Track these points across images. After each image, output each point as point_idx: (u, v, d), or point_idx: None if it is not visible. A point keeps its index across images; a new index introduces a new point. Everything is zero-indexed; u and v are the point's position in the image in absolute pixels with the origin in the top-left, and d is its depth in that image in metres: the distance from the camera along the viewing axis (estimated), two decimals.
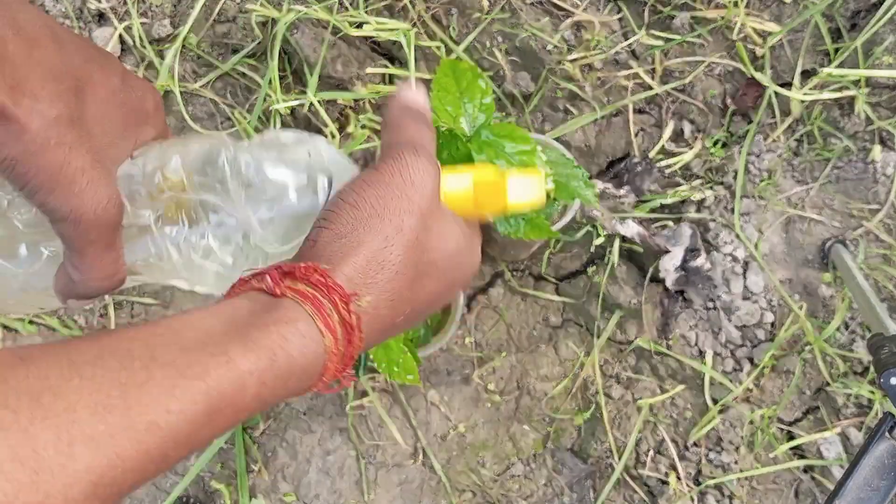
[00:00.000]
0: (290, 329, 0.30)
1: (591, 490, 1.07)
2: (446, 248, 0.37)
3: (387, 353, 0.76)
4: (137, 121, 0.39)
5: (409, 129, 0.39)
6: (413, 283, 0.36)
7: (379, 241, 0.34)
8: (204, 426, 0.28)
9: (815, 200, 1.11)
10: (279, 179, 0.39)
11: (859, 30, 1.09)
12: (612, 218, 1.07)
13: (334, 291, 0.32)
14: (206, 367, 0.28)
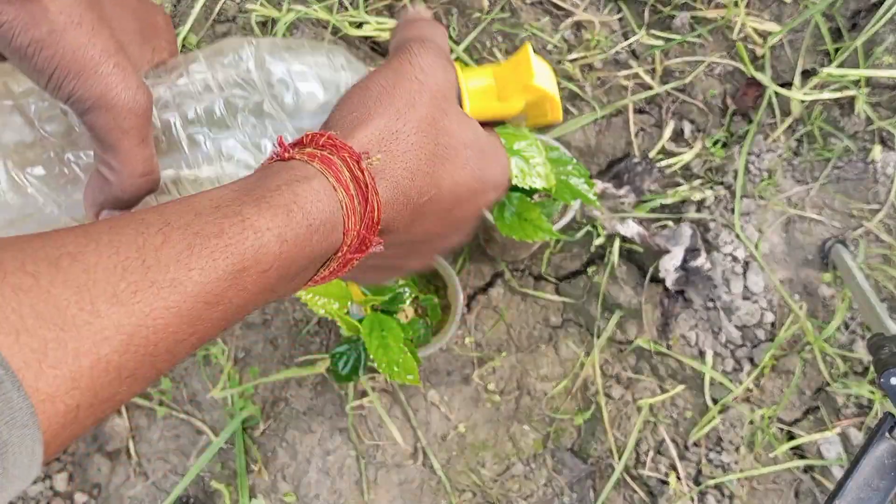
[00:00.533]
0: (302, 186, 0.30)
1: (591, 490, 1.07)
2: (465, 136, 0.37)
3: (387, 353, 0.76)
4: (151, 32, 0.39)
5: (418, 26, 0.39)
6: (433, 160, 0.35)
7: (391, 113, 0.34)
8: (231, 285, 0.27)
9: (815, 200, 1.11)
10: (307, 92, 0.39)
11: (859, 30, 1.09)
12: (612, 218, 1.07)
13: (343, 150, 0.31)
14: (222, 226, 0.27)
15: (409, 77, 0.35)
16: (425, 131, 0.34)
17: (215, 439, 1.06)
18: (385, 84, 0.35)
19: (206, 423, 1.09)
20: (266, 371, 1.09)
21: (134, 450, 1.08)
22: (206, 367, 1.10)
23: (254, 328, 1.11)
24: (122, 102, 0.33)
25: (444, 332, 0.96)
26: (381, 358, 0.75)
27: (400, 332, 0.77)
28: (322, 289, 0.78)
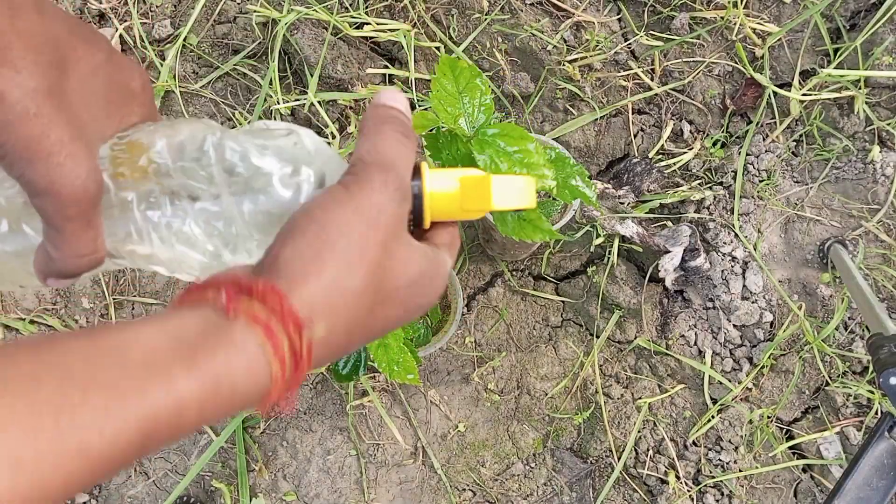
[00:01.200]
0: (238, 356, 0.29)
1: (591, 489, 1.07)
2: (409, 275, 0.37)
3: (387, 352, 0.76)
4: (123, 100, 0.39)
5: (386, 143, 0.38)
6: (372, 310, 0.35)
7: (341, 267, 0.33)
8: (137, 449, 0.27)
9: (814, 200, 1.11)
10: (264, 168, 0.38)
11: (859, 30, 1.09)
12: (611, 218, 1.07)
13: (289, 319, 0.31)
14: (146, 390, 0.27)
15: (366, 220, 0.34)
16: (370, 282, 0.34)
17: (216, 439, 1.06)
18: (343, 228, 0.34)
19: None
20: None
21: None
22: None
23: None
24: (70, 192, 0.33)
25: (444, 332, 0.96)
26: (381, 357, 0.75)
27: (400, 332, 0.78)
28: None
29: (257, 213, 0.39)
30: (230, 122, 1.15)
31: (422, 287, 0.38)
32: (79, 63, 0.36)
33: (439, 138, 0.73)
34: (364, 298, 0.34)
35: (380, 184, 0.36)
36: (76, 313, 1.12)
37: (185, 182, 0.38)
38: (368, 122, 0.40)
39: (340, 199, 0.35)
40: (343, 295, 0.33)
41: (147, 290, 1.13)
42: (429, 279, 0.39)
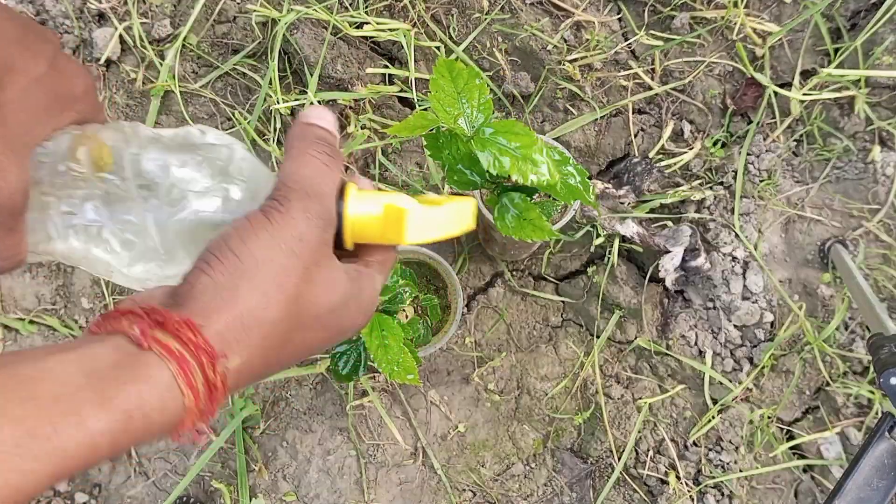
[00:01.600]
0: (151, 390, 0.29)
1: (591, 489, 1.07)
2: (331, 300, 0.37)
3: (387, 352, 0.76)
4: (62, 106, 0.39)
5: (309, 167, 0.38)
6: (290, 337, 0.35)
7: (257, 297, 0.33)
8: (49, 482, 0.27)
9: (814, 200, 1.11)
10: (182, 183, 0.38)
11: (859, 30, 1.09)
12: (611, 218, 1.07)
13: (202, 351, 0.31)
14: (56, 425, 0.27)
15: (285, 250, 0.34)
16: (287, 311, 0.34)
17: (216, 439, 1.06)
18: (260, 259, 0.34)
19: None
20: None
21: (134, 449, 1.08)
22: None
23: None
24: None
25: (444, 332, 0.96)
26: (381, 358, 0.75)
27: (400, 332, 0.77)
28: None
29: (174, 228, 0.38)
30: (230, 122, 1.15)
31: (347, 309, 0.38)
32: (16, 76, 0.36)
33: (439, 138, 0.73)
34: (281, 327, 0.34)
35: (301, 212, 0.36)
36: (76, 313, 1.12)
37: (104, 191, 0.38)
38: (293, 141, 0.39)
39: (260, 227, 0.35)
40: (259, 326, 0.33)
41: None
42: (354, 301, 0.39)
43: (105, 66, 1.15)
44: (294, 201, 0.36)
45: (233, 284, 0.33)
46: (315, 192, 0.37)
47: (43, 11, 1.15)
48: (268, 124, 1.12)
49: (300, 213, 0.36)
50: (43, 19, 1.15)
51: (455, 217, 0.42)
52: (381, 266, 0.42)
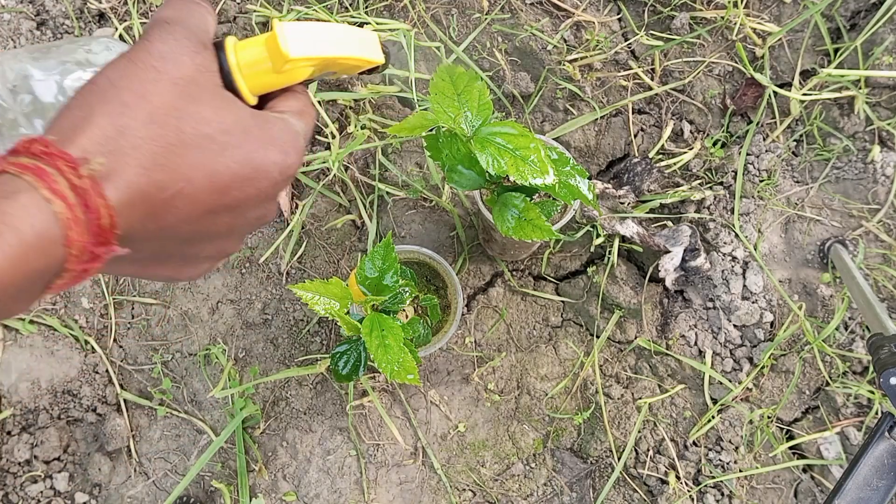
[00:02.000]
0: (10, 202, 0.28)
1: (591, 489, 1.07)
2: (224, 121, 0.34)
3: (387, 352, 0.76)
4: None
5: (171, 7, 0.37)
6: (174, 152, 0.33)
7: (115, 108, 0.32)
8: None
9: (814, 200, 1.11)
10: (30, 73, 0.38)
11: (859, 30, 1.09)
12: (611, 218, 1.07)
13: (58, 158, 0.30)
14: None
15: (142, 66, 0.33)
16: (161, 122, 0.32)
17: (216, 439, 1.06)
18: (113, 77, 0.33)
19: (206, 422, 1.09)
20: (266, 371, 1.09)
21: (135, 449, 1.08)
22: (206, 366, 1.10)
23: (254, 328, 1.11)
24: None
25: (444, 332, 0.96)
26: (381, 358, 0.75)
27: (400, 332, 0.77)
28: (322, 288, 0.78)
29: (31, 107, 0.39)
30: None
31: (249, 137, 0.35)
32: None
33: (439, 138, 0.73)
34: (154, 137, 0.32)
35: (160, 35, 0.35)
36: (76, 313, 1.12)
37: None
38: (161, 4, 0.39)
39: (115, 60, 0.34)
40: (124, 134, 0.32)
41: (147, 290, 1.13)
42: (260, 130, 0.36)
43: None
44: (153, 30, 0.35)
45: (87, 105, 0.32)
46: (175, 20, 0.36)
47: (43, 11, 1.15)
48: None
49: (159, 36, 0.35)
50: (43, 19, 1.15)
51: (348, 37, 0.40)
52: (300, 115, 0.40)
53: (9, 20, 1.14)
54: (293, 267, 1.12)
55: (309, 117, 0.40)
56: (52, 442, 1.07)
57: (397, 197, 1.11)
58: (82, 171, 0.30)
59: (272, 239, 1.13)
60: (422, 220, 1.12)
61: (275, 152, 0.36)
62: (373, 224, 1.10)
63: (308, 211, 1.12)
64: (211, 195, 0.34)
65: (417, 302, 0.98)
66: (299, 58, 0.37)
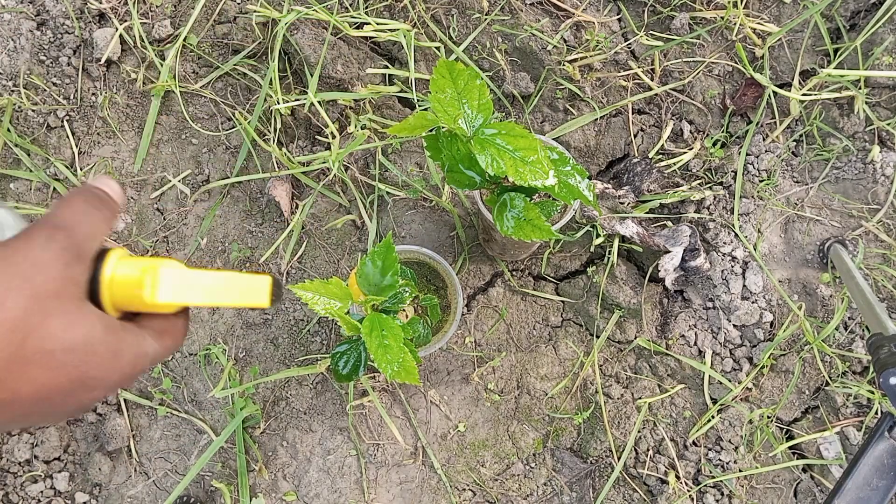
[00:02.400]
0: None
1: (591, 489, 1.07)
2: (69, 338, 0.34)
3: (387, 352, 0.76)
4: None
5: (69, 209, 0.37)
6: (8, 368, 0.32)
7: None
8: None
9: (814, 200, 1.11)
10: None
11: (859, 30, 1.09)
12: (611, 218, 1.07)
13: None
14: None
15: (10, 270, 0.33)
16: (6, 335, 0.32)
17: (216, 439, 1.06)
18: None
19: (206, 422, 1.09)
20: (267, 370, 1.09)
21: (135, 449, 1.08)
22: (206, 366, 1.10)
23: (254, 328, 1.11)
24: None
25: (444, 332, 0.96)
26: (381, 358, 0.75)
27: (400, 332, 0.78)
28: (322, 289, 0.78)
29: None
30: (230, 122, 1.15)
31: (94, 357, 0.35)
32: None
33: (439, 138, 0.73)
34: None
35: (42, 241, 0.35)
36: None
37: None
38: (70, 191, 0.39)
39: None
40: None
41: None
42: (108, 351, 0.36)
43: (105, 67, 1.16)
44: (37, 231, 0.35)
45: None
46: (63, 226, 0.36)
47: (43, 11, 1.15)
48: (268, 124, 1.12)
49: (40, 241, 0.34)
50: (43, 19, 1.16)
51: (232, 285, 0.40)
52: (158, 334, 0.40)
53: (9, 20, 1.14)
54: (293, 267, 1.12)
55: (170, 339, 0.40)
56: (52, 442, 1.07)
57: (397, 197, 1.11)
58: None
59: (272, 239, 1.13)
60: (422, 220, 1.12)
61: (112, 372, 0.37)
62: (373, 224, 1.10)
63: (308, 211, 1.12)
64: (30, 405, 0.34)
65: (417, 302, 0.98)
66: (165, 303, 0.37)
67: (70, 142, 1.14)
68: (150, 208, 1.15)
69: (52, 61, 1.14)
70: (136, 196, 1.15)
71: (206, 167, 1.15)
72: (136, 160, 1.15)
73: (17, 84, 1.12)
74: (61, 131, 1.14)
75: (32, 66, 1.13)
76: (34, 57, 1.14)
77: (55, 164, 1.13)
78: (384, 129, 1.11)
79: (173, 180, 1.14)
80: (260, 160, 1.13)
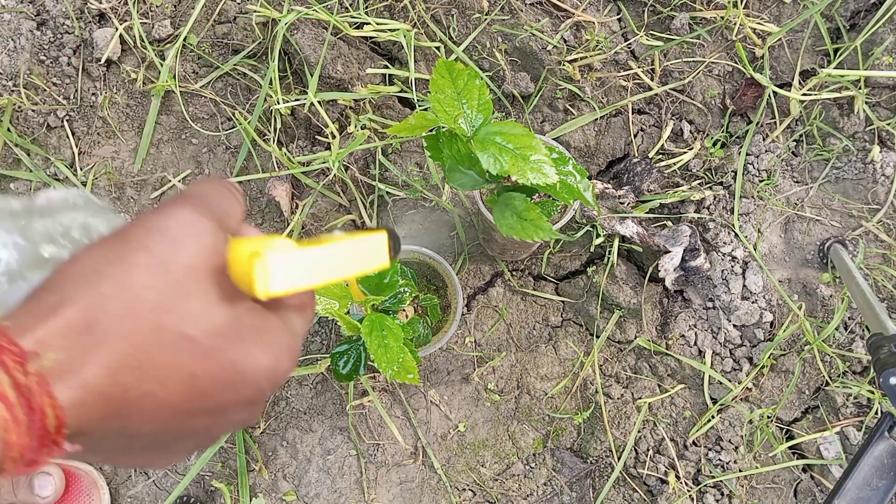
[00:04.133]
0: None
1: (591, 489, 1.07)
2: (212, 324, 0.31)
3: (387, 352, 0.76)
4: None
5: (205, 185, 0.34)
6: (149, 352, 0.29)
7: (89, 298, 0.28)
8: None
9: (814, 200, 1.11)
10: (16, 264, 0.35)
11: (859, 30, 1.09)
12: (611, 218, 1.07)
13: (5, 351, 0.27)
14: None
15: (135, 246, 0.30)
16: (139, 318, 0.29)
17: None
18: (98, 259, 0.29)
19: None
20: None
21: None
22: None
23: None
24: None
25: (444, 332, 0.96)
26: (381, 357, 0.75)
27: (400, 332, 0.78)
28: (322, 288, 0.78)
29: None
30: (230, 122, 1.15)
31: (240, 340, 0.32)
32: None
33: (439, 138, 0.73)
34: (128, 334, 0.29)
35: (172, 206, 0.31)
36: None
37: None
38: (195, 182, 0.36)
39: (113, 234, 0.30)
40: (92, 329, 0.28)
41: None
42: (254, 334, 0.33)
43: (105, 67, 1.16)
44: (169, 202, 0.32)
45: (60, 289, 0.29)
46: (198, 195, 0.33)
47: (43, 11, 1.15)
48: (268, 124, 1.12)
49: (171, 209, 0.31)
50: (43, 19, 1.16)
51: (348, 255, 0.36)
52: (299, 308, 0.36)
53: (9, 20, 1.14)
54: None
55: (310, 310, 0.37)
56: None
57: (397, 197, 1.11)
58: (29, 368, 0.27)
59: None
60: (422, 220, 1.12)
61: (266, 358, 0.33)
62: (373, 224, 1.10)
63: (308, 211, 1.12)
64: (186, 399, 0.31)
65: (417, 302, 0.98)
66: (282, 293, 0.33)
67: (70, 142, 1.14)
68: (150, 208, 1.15)
69: (52, 61, 1.14)
70: (136, 196, 1.15)
71: (206, 167, 1.15)
72: (136, 160, 1.15)
73: (17, 84, 1.12)
74: (61, 131, 1.14)
75: (32, 66, 1.13)
76: (34, 57, 1.14)
77: (55, 163, 1.13)
78: (384, 129, 1.11)
79: (173, 180, 1.14)
80: (260, 160, 1.13)
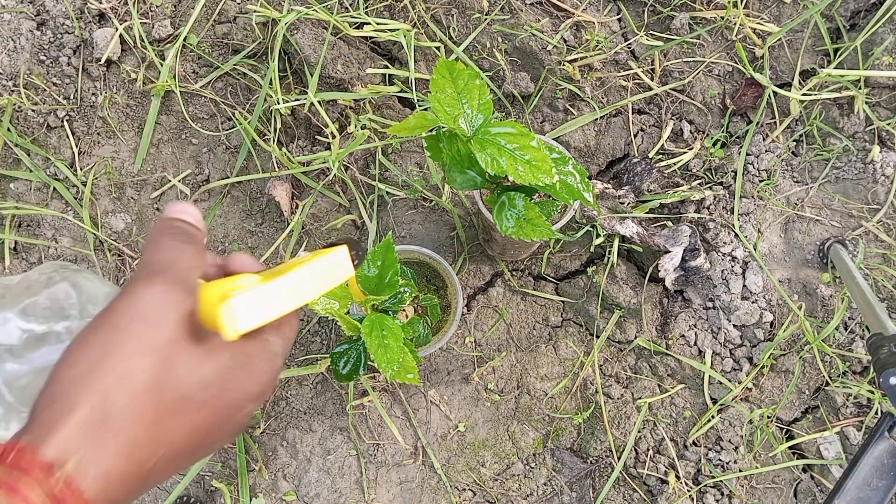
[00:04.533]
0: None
1: (591, 489, 1.07)
2: (202, 377, 0.34)
3: (387, 352, 0.76)
4: None
5: (161, 251, 0.36)
6: (157, 426, 0.32)
7: (97, 398, 0.31)
8: None
9: (814, 200, 1.11)
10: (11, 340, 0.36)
11: (859, 30, 1.09)
12: (611, 218, 1.07)
13: (33, 467, 0.29)
14: None
15: (124, 336, 0.32)
16: (143, 399, 0.32)
17: None
18: (94, 354, 0.32)
19: None
20: None
21: None
22: None
23: None
24: None
25: (444, 332, 0.96)
26: (381, 358, 0.75)
27: (400, 332, 0.78)
28: None
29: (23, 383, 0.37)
30: (230, 122, 1.15)
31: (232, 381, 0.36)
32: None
33: (439, 138, 0.73)
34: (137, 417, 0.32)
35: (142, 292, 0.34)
36: None
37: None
38: (152, 230, 0.38)
39: (99, 322, 0.33)
40: (105, 424, 0.31)
41: None
42: (241, 370, 0.36)
43: (105, 67, 1.15)
44: (137, 283, 0.34)
45: (67, 393, 0.31)
46: (164, 268, 0.35)
47: (43, 11, 1.15)
48: (268, 124, 1.12)
49: (141, 292, 0.34)
50: (43, 19, 1.16)
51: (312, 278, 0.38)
52: (276, 328, 0.39)
53: (9, 20, 1.14)
54: None
55: (288, 328, 0.40)
56: None
57: (397, 197, 1.11)
58: (56, 477, 0.29)
59: (272, 239, 1.13)
60: (422, 220, 1.12)
61: (252, 385, 0.37)
62: (373, 224, 1.10)
63: (308, 211, 1.12)
64: (193, 446, 0.35)
65: (417, 302, 0.98)
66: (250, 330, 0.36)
67: (70, 142, 1.14)
68: (150, 208, 1.15)
69: (52, 61, 1.14)
70: (136, 196, 1.15)
71: (206, 167, 1.15)
72: (136, 160, 1.15)
73: (17, 84, 1.12)
74: (61, 131, 1.14)
75: (32, 66, 1.13)
76: (34, 57, 1.14)
77: (55, 163, 1.13)
78: (384, 129, 1.11)
79: (173, 180, 1.14)
80: (260, 160, 1.13)
